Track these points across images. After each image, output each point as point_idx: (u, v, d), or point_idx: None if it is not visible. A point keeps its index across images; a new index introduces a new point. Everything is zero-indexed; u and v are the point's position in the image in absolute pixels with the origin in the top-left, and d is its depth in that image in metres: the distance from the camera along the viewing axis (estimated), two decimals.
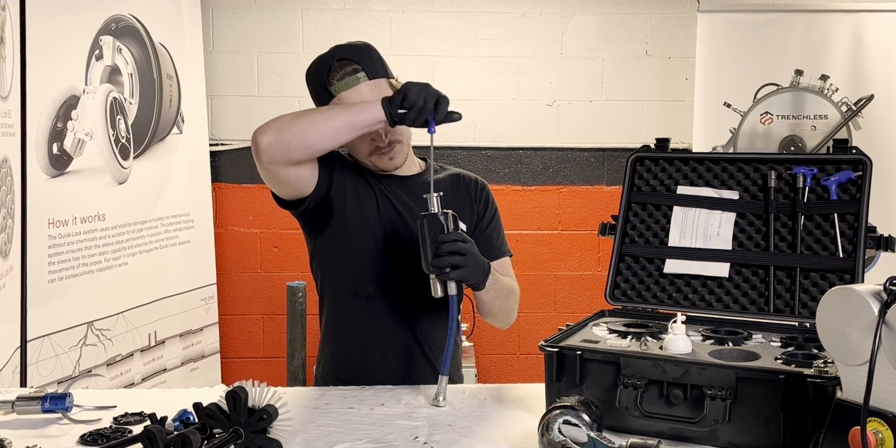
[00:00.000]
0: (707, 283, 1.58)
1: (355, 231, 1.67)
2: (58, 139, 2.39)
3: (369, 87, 1.61)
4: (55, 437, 1.33)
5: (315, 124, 1.51)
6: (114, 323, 2.66)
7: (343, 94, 1.60)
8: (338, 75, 1.61)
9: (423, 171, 1.77)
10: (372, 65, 1.63)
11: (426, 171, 1.76)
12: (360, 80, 1.61)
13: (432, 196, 1.47)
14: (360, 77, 1.61)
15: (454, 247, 1.44)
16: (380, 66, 1.65)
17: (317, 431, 1.33)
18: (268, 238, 3.55)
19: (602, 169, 3.62)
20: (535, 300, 3.60)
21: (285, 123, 1.51)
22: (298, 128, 1.51)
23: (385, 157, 1.66)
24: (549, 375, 1.36)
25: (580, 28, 3.57)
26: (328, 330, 1.76)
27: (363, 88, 1.60)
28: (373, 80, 1.62)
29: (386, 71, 1.66)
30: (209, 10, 3.47)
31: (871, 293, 1.03)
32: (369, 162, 1.68)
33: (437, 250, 1.44)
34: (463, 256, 1.45)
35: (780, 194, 1.56)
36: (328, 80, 1.61)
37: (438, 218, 1.45)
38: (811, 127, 3.21)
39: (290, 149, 1.51)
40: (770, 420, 1.20)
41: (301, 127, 1.51)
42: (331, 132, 1.51)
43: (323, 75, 1.62)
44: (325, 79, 1.62)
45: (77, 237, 2.46)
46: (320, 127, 1.51)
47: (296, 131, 1.50)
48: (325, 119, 1.52)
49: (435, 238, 1.44)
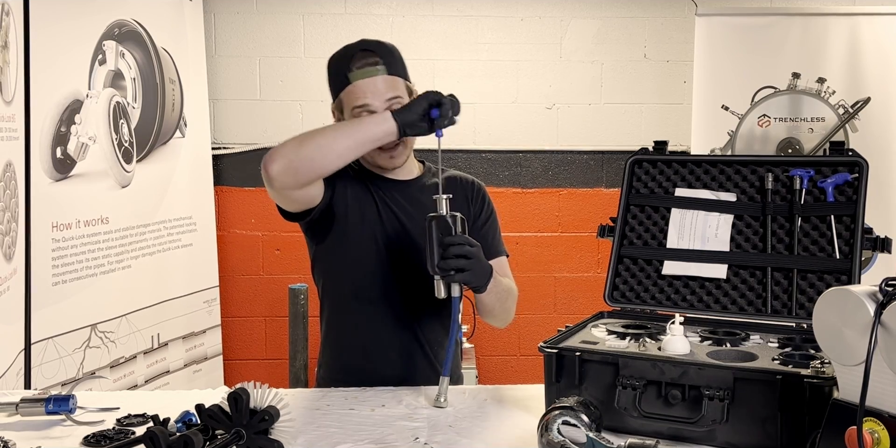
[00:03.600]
0: (705, 285, 1.59)
1: (356, 236, 1.68)
2: (61, 143, 2.40)
3: (385, 82, 1.62)
4: (59, 438, 1.34)
5: (322, 149, 1.51)
6: (117, 325, 2.67)
7: (359, 82, 1.62)
8: (358, 64, 1.63)
9: (421, 175, 1.78)
10: (393, 62, 1.65)
11: (425, 174, 1.78)
12: (378, 72, 1.62)
13: (441, 198, 1.47)
14: (380, 69, 1.62)
15: (462, 250, 1.45)
16: (400, 66, 1.67)
17: (318, 432, 1.34)
18: (270, 241, 3.57)
19: (601, 171, 3.63)
20: (534, 302, 3.61)
21: (293, 150, 1.51)
22: (307, 153, 1.51)
23: (386, 155, 1.67)
24: (549, 376, 1.37)
25: (579, 32, 3.58)
26: (329, 333, 1.77)
27: (379, 81, 1.62)
28: (391, 75, 1.64)
29: (405, 73, 1.68)
30: (211, 15, 3.49)
31: (868, 294, 1.04)
32: (370, 157, 1.69)
33: (444, 252, 1.44)
34: (469, 260, 1.46)
35: (778, 196, 1.57)
36: (348, 66, 1.63)
37: (447, 220, 1.46)
38: (808, 129, 3.22)
39: (300, 174, 1.51)
40: (767, 420, 1.21)
41: (309, 152, 1.51)
42: (337, 154, 1.52)
43: (344, 62, 1.64)
44: (346, 65, 1.63)
45: (80, 240, 2.47)
46: (327, 150, 1.51)
47: (304, 157, 1.50)
48: (332, 141, 1.52)
49: (442, 240, 1.45)
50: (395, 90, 1.63)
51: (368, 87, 1.61)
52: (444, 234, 1.45)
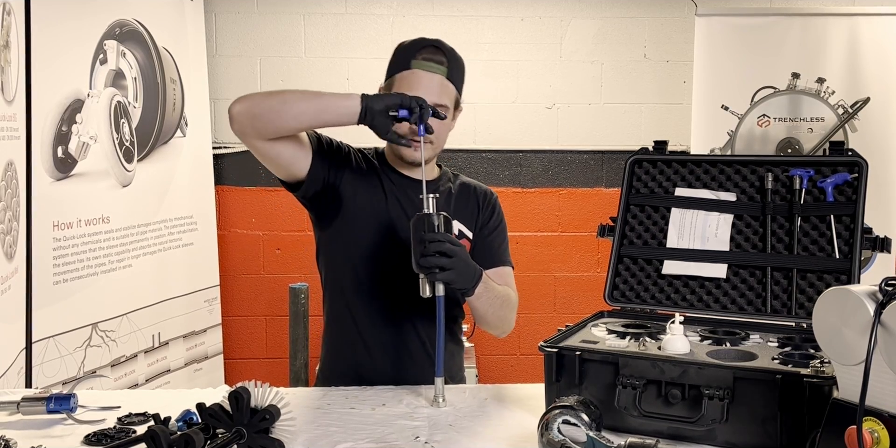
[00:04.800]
0: (705, 284, 1.60)
1: (361, 227, 1.69)
2: (62, 142, 2.41)
3: (440, 83, 1.65)
4: (60, 437, 1.34)
5: (283, 103, 1.55)
6: (118, 324, 2.67)
7: (419, 71, 1.64)
8: (426, 56, 1.65)
9: (437, 178, 1.79)
10: (457, 71, 1.68)
11: (441, 178, 1.80)
12: (439, 71, 1.65)
13: (428, 197, 1.48)
14: (443, 69, 1.65)
15: (441, 247, 1.44)
16: (460, 77, 1.70)
17: (319, 431, 1.34)
18: (270, 240, 3.57)
19: (601, 171, 3.64)
20: (534, 301, 3.62)
21: (259, 98, 1.56)
22: (268, 104, 1.55)
23: (409, 148, 1.65)
24: (549, 375, 1.37)
25: (579, 32, 3.59)
26: (330, 325, 1.78)
27: (437, 79, 1.64)
28: (448, 80, 1.66)
29: (461, 85, 1.71)
30: (212, 15, 3.49)
31: (867, 294, 1.04)
32: (393, 148, 1.70)
33: (424, 249, 1.44)
34: (449, 258, 1.44)
35: (777, 196, 1.58)
36: (415, 54, 1.65)
37: (430, 218, 1.46)
38: (808, 129, 3.22)
39: (256, 121, 1.54)
40: (767, 419, 1.21)
41: (270, 104, 1.55)
42: (295, 113, 1.54)
43: (415, 49, 1.66)
44: (413, 52, 1.65)
45: (81, 239, 2.48)
46: (287, 106, 1.54)
47: (264, 107, 1.54)
48: (295, 100, 1.56)
49: (422, 237, 1.45)
50: (444, 96, 1.65)
51: (423, 81, 1.63)
52: (425, 232, 1.45)
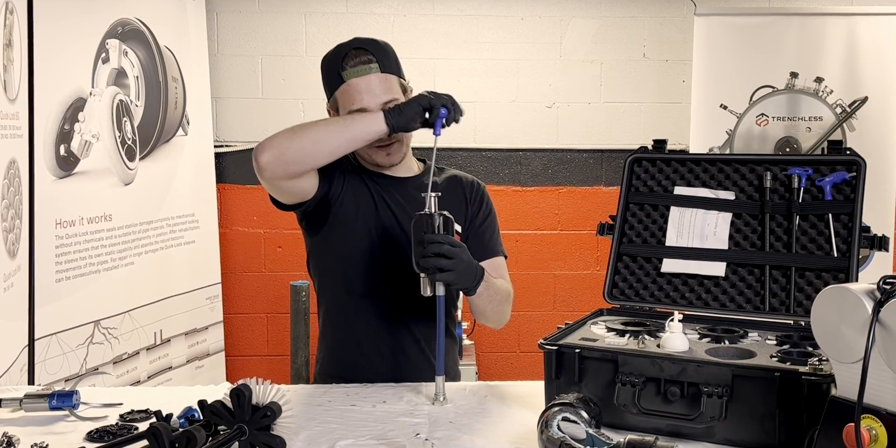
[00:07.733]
0: (704, 283, 1.60)
1: (351, 231, 1.69)
2: (65, 141, 2.41)
3: (379, 79, 1.63)
4: (62, 434, 1.35)
5: (315, 143, 1.54)
6: (120, 322, 2.68)
7: (353, 80, 1.63)
8: (352, 62, 1.63)
9: (420, 173, 1.78)
10: (387, 60, 1.66)
11: (424, 173, 1.78)
12: (372, 71, 1.63)
13: (429, 196, 1.47)
14: (373, 67, 1.63)
15: (440, 249, 1.44)
16: (394, 64, 1.68)
17: (319, 428, 1.35)
18: (271, 238, 3.58)
19: (600, 170, 3.65)
20: (534, 299, 3.63)
21: (285, 142, 1.53)
22: (299, 146, 1.53)
23: (382, 152, 1.68)
24: (549, 373, 1.37)
25: (579, 31, 3.59)
26: (325, 328, 1.78)
27: (373, 79, 1.63)
28: (384, 73, 1.64)
29: (399, 70, 1.69)
30: (214, 14, 3.50)
31: (865, 292, 1.04)
32: (367, 155, 1.70)
33: (423, 250, 1.44)
34: (449, 260, 1.44)
35: (776, 195, 1.58)
36: (342, 65, 1.63)
37: (431, 218, 1.45)
38: (806, 128, 3.23)
39: (290, 166, 1.53)
40: (765, 417, 1.22)
41: (301, 146, 1.53)
42: (329, 150, 1.54)
43: (338, 61, 1.65)
44: (339, 64, 1.64)
45: (84, 237, 2.48)
46: (320, 146, 1.53)
47: (295, 149, 1.52)
48: (325, 139, 1.54)
49: (422, 238, 1.45)
50: (389, 90, 1.63)
51: (362, 86, 1.62)
52: (425, 232, 1.45)
